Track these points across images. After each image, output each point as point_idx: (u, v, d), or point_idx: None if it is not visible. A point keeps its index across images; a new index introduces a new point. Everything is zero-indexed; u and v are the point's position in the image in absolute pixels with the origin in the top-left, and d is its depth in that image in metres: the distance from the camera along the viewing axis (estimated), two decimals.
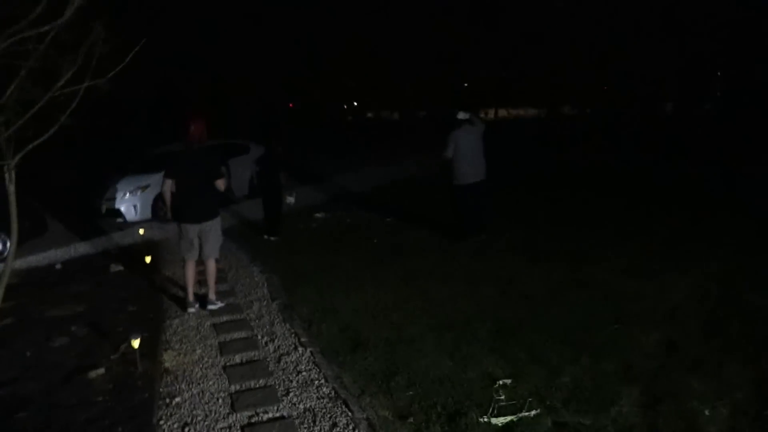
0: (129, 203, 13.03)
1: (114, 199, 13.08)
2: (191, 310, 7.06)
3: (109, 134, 22.92)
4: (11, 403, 5.09)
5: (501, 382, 4.80)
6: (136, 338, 5.54)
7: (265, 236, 10.70)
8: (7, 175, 7.10)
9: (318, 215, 12.41)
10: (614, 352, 5.29)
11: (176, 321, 6.88)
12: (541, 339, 5.61)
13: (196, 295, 7.25)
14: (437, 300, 6.82)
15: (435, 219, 10.97)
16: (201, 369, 5.55)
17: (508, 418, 4.27)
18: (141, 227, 11.84)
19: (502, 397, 4.55)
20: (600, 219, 10.49)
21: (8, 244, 11.23)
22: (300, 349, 5.80)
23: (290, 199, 11.59)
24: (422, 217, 11.29)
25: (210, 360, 5.74)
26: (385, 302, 6.87)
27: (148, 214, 13.11)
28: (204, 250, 6.99)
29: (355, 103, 42.17)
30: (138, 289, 8.18)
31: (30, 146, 7.00)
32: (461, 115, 9.10)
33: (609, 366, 5.04)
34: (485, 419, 4.27)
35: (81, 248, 11.23)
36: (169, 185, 6.79)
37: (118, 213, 13.01)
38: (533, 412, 4.34)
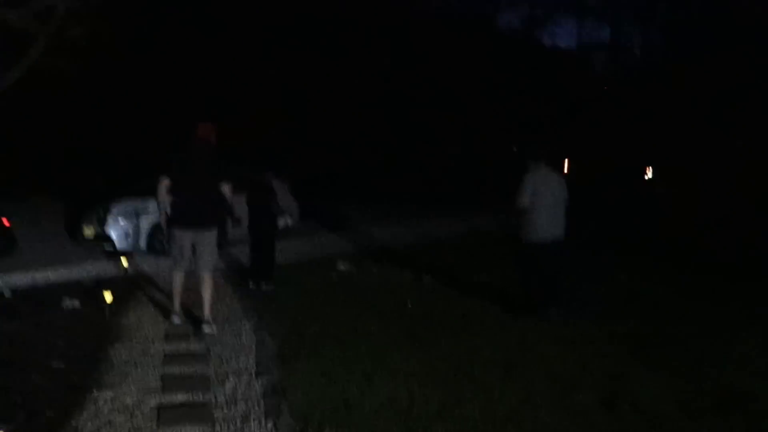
0: (122, 229, 10.92)
1: (105, 222, 10.98)
2: (176, 321, 6.27)
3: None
4: None
5: None
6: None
7: (251, 284, 8.45)
8: None
9: (341, 266, 10.11)
10: None
11: (108, 393, 4.56)
12: None
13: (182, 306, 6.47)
14: (508, 407, 4.38)
15: (490, 285, 8.58)
16: None
17: None
18: (125, 258, 9.66)
19: None
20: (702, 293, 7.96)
21: None
22: None
23: (286, 221, 9.21)
24: (472, 282, 8.90)
25: None
26: (426, 400, 4.46)
27: (143, 245, 10.96)
28: (198, 263, 6.22)
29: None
30: (83, 338, 5.92)
31: None
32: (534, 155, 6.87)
33: None
34: None
35: (47, 275, 9.06)
36: (165, 186, 6.10)
37: (107, 238, 10.90)
38: None
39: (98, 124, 19.01)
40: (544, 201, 6.64)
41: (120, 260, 9.58)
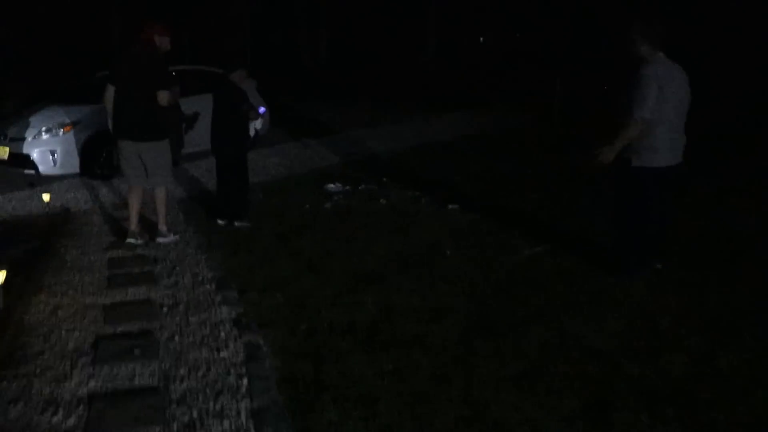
0: (45, 147, 8.07)
1: (22, 139, 8.13)
2: (131, 240, 5.45)
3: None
4: None
5: None
6: None
7: (221, 221, 6.11)
8: None
9: (331, 188, 7.62)
10: None
11: None
12: None
13: (145, 219, 5.84)
14: None
15: (541, 214, 6.27)
16: None
17: None
18: (47, 192, 7.01)
19: None
20: None
21: None
22: None
23: (255, 127, 6.76)
24: (514, 208, 6.56)
25: None
26: None
27: (75, 167, 8.19)
28: (148, 176, 5.46)
29: None
30: None
31: None
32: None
33: None
34: None
35: None
36: (111, 93, 5.32)
37: (27, 161, 8.08)
38: None
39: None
40: (670, 109, 4.20)
41: (42, 194, 6.92)
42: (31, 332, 3.71)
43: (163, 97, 5.17)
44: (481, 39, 27.35)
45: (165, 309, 4.03)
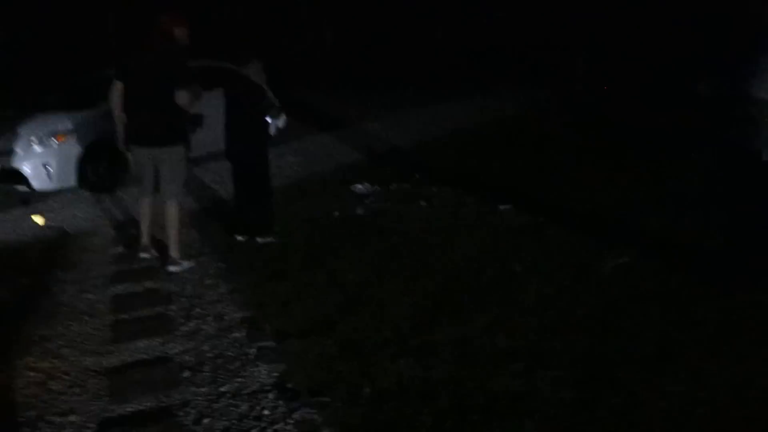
0: (37, 160, 7.16)
1: (11, 152, 7.21)
2: (143, 255, 4.83)
3: None
4: None
5: None
6: None
7: (240, 237, 5.21)
8: None
9: (360, 189, 6.70)
10: None
11: None
12: None
13: (154, 238, 4.94)
14: None
15: (606, 213, 5.34)
16: None
17: None
18: (41, 212, 6.11)
19: None
20: None
21: None
22: None
23: (277, 123, 5.88)
24: (578, 206, 5.64)
25: None
26: None
27: (72, 180, 7.28)
28: (161, 187, 4.78)
29: None
30: None
31: None
32: None
33: None
34: None
35: None
36: (119, 91, 4.70)
37: (19, 177, 7.17)
38: None
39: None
40: None
41: (34, 216, 6.02)
42: (13, 418, 2.80)
43: (183, 97, 4.52)
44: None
45: (186, 373, 3.11)
